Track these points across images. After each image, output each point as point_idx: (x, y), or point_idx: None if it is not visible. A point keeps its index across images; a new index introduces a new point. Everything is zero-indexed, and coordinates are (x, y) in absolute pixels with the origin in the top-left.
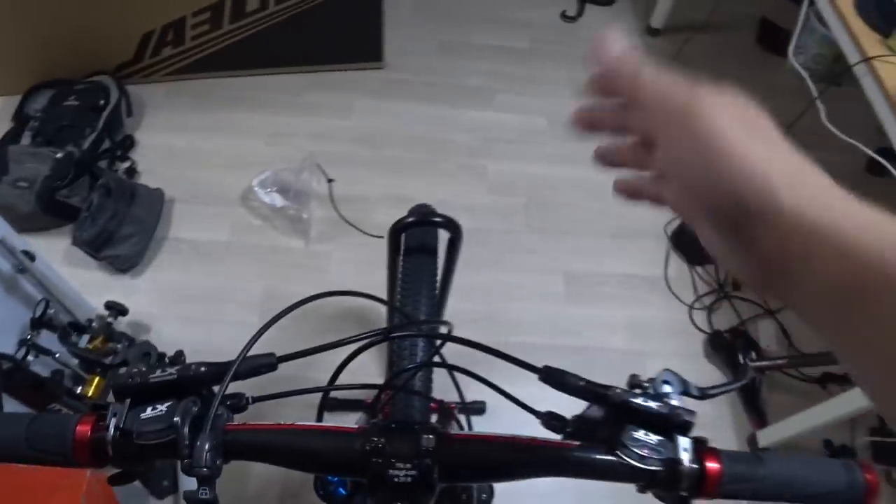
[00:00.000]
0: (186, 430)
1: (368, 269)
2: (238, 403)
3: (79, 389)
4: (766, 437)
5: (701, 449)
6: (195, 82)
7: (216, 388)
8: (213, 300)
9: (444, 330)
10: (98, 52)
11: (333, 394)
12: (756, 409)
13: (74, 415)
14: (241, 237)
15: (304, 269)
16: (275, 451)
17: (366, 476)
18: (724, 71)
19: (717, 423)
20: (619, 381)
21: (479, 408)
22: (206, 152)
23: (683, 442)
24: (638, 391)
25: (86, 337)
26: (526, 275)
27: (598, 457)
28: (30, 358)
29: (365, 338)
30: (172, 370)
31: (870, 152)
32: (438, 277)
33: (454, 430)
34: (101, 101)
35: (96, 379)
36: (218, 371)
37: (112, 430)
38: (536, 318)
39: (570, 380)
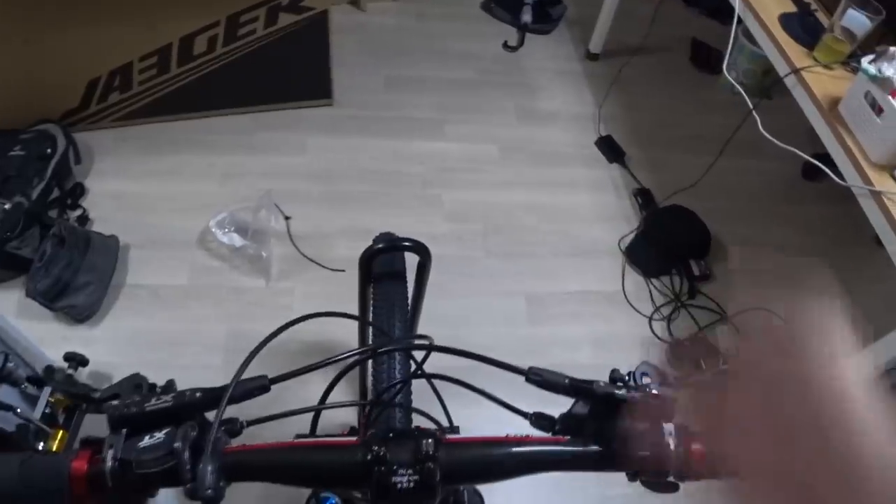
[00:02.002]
0: (187, 455)
1: (332, 303)
2: (233, 428)
3: (41, 445)
4: None
5: (684, 433)
6: (144, 127)
7: (208, 415)
8: (176, 345)
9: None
10: (43, 101)
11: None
12: None
13: (68, 451)
14: (201, 279)
15: (268, 307)
16: (276, 469)
17: (369, 486)
18: (662, 90)
19: None
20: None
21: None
22: (160, 196)
23: (668, 427)
24: (620, 384)
25: (47, 390)
26: (488, 299)
27: (589, 449)
28: None
29: (354, 355)
30: (167, 398)
31: (807, 157)
32: (409, 300)
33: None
34: (48, 150)
35: (60, 432)
36: (213, 396)
37: (110, 461)
38: (502, 341)
39: (555, 378)
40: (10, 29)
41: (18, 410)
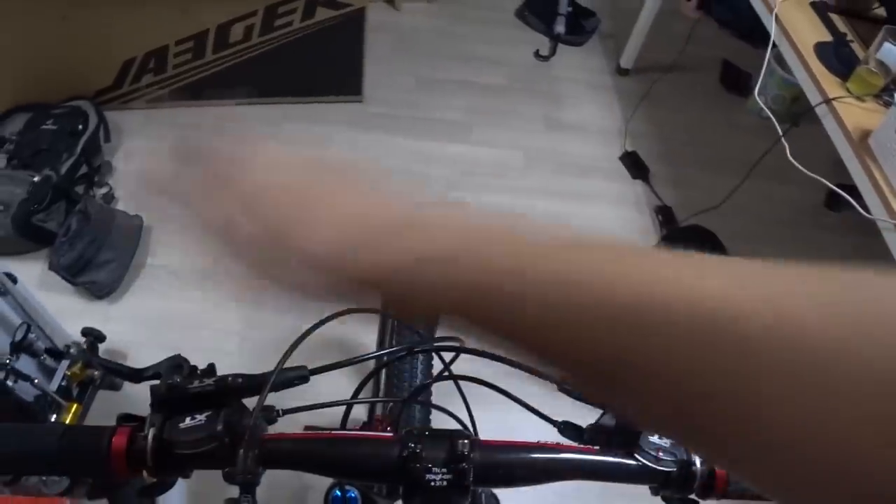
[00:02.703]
0: (227, 439)
1: None
2: (270, 416)
3: (54, 417)
4: None
5: None
6: (174, 110)
7: (246, 401)
8: (191, 327)
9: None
10: (77, 77)
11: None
12: None
13: (107, 427)
14: (220, 264)
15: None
16: (312, 459)
17: (403, 481)
18: (691, 109)
19: None
20: None
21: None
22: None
23: None
24: None
25: (65, 363)
26: None
27: (618, 460)
28: (9, 383)
29: (392, 352)
30: (210, 381)
31: (833, 187)
32: None
33: None
34: (80, 126)
35: (74, 406)
36: (254, 383)
37: (151, 439)
38: None
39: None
40: (49, 5)
41: (36, 381)
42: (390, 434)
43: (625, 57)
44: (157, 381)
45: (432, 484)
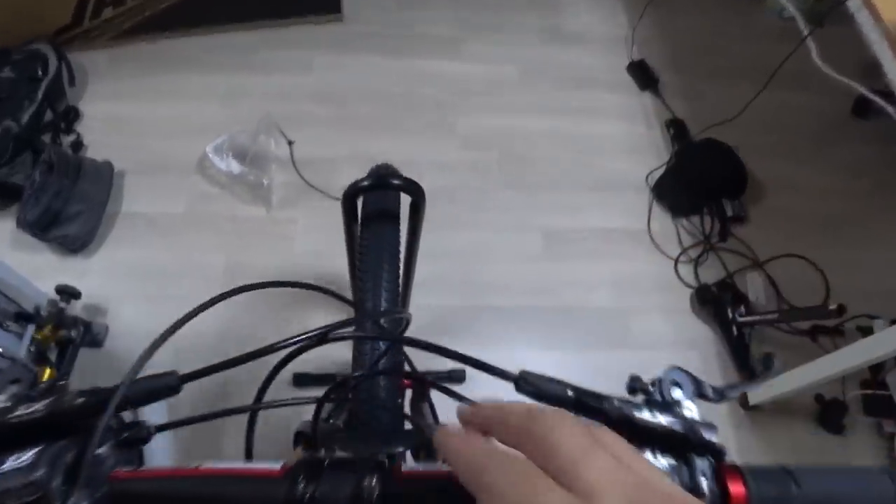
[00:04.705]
0: (58, 483)
1: (337, 236)
2: (137, 436)
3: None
4: (757, 395)
5: (721, 469)
6: (140, 45)
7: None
8: (172, 276)
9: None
10: (32, 17)
11: (305, 367)
12: (746, 366)
13: None
14: (199, 207)
15: (268, 238)
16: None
17: None
18: (703, 12)
19: (706, 378)
20: (604, 342)
21: (458, 377)
22: (157, 119)
23: (701, 464)
24: (641, 400)
25: (31, 327)
26: (502, 233)
27: None
28: None
29: (292, 344)
30: (40, 405)
31: (864, 91)
32: (402, 246)
33: (427, 412)
34: (40, 71)
35: (48, 370)
36: (101, 400)
37: None
38: (515, 278)
39: (554, 388)
40: None
41: (1, 351)
42: (278, 468)
43: None
44: None
45: None
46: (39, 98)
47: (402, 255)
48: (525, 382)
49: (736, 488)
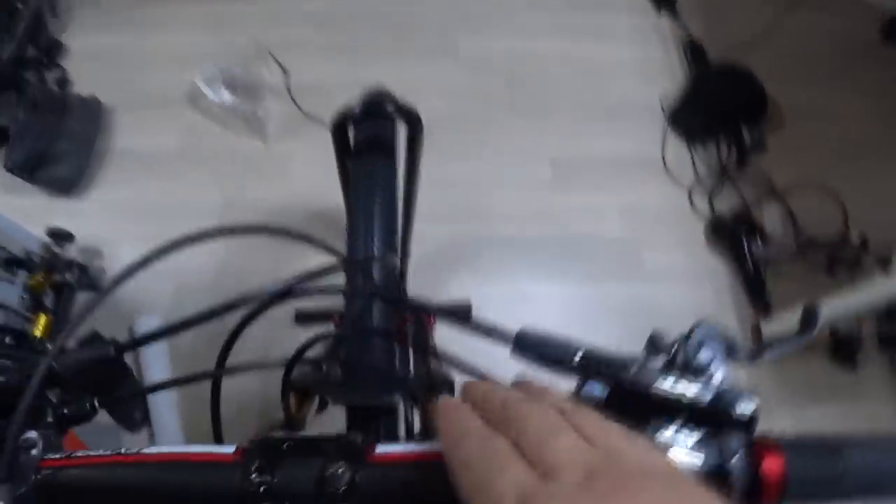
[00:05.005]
0: None
1: (336, 170)
2: (79, 412)
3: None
4: (771, 327)
5: (756, 445)
6: None
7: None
8: (168, 215)
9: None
10: None
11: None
12: (760, 298)
13: None
14: (193, 142)
15: (266, 172)
16: (111, 494)
17: None
18: None
19: (719, 313)
20: (614, 274)
21: (464, 312)
22: (145, 51)
23: (732, 439)
24: (663, 365)
25: (23, 273)
26: (509, 161)
27: None
28: None
29: (244, 302)
30: None
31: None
32: (400, 180)
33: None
34: (18, 3)
35: (42, 317)
36: (22, 377)
37: None
38: (522, 209)
39: (554, 352)
40: None
41: None
42: (229, 452)
43: None
44: None
45: None
46: (20, 33)
47: (400, 192)
48: (523, 346)
49: (771, 466)
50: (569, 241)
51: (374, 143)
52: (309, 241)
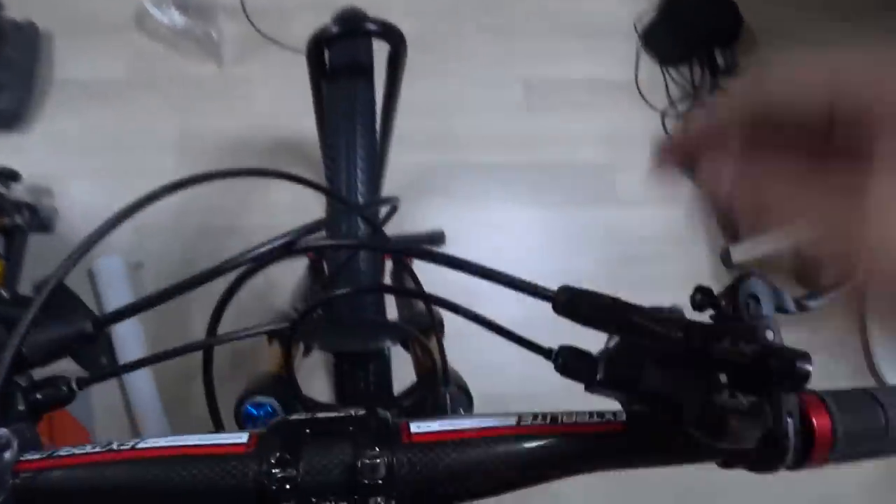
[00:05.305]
0: None
1: (300, 94)
2: (56, 396)
3: None
4: (740, 251)
5: (807, 407)
6: None
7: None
8: (121, 147)
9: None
10: None
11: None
12: (730, 223)
13: None
14: (142, 68)
15: (223, 98)
16: (101, 498)
17: None
18: None
19: (690, 237)
20: (590, 198)
21: (437, 238)
22: None
23: (787, 400)
24: (714, 321)
25: None
26: (479, 83)
27: (657, 434)
28: None
29: (248, 262)
30: None
31: None
32: (378, 105)
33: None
34: None
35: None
36: None
37: None
38: (494, 133)
39: (596, 313)
40: None
41: None
42: (241, 441)
43: None
44: None
45: None
46: None
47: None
48: (568, 301)
49: (821, 421)
50: (542, 165)
51: (352, 64)
52: (312, 185)
